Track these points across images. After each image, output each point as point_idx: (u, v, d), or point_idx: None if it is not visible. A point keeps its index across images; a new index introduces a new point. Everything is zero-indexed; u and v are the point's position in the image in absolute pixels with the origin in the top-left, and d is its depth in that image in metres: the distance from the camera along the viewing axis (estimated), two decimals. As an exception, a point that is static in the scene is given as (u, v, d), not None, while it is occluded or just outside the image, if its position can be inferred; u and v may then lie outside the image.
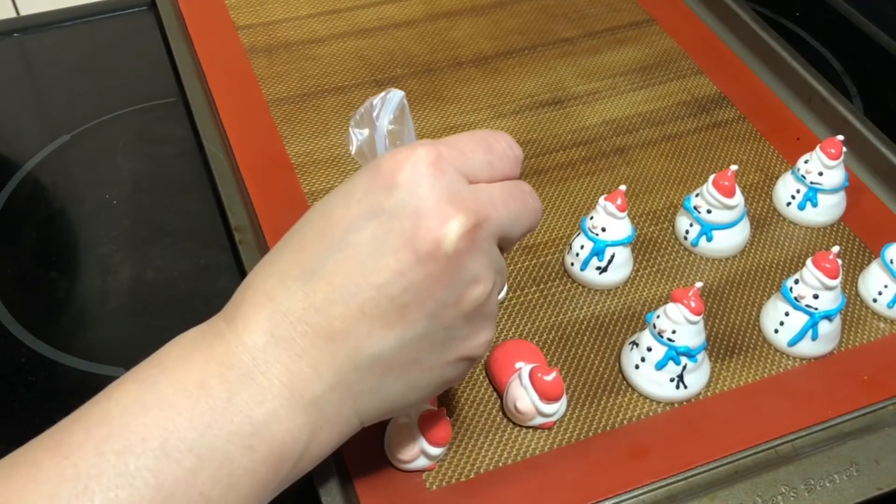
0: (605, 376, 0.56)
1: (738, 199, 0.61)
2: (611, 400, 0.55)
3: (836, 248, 0.55)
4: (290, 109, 0.72)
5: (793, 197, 0.65)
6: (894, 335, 0.59)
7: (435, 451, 0.49)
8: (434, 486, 0.50)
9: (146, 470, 0.36)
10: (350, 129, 0.62)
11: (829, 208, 0.65)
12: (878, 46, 0.87)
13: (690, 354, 0.53)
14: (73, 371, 0.58)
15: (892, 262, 0.59)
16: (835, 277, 0.55)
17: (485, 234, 0.40)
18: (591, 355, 0.57)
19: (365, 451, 0.51)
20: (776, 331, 0.58)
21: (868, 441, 0.53)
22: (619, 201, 0.58)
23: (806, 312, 0.56)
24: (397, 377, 0.41)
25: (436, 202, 0.39)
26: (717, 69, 0.78)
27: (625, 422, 0.54)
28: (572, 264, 0.61)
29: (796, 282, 0.56)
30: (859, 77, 0.83)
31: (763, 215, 0.67)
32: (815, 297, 0.56)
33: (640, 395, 0.55)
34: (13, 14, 0.84)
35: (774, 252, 0.64)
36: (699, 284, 0.53)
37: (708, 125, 0.73)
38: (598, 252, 0.59)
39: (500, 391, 0.54)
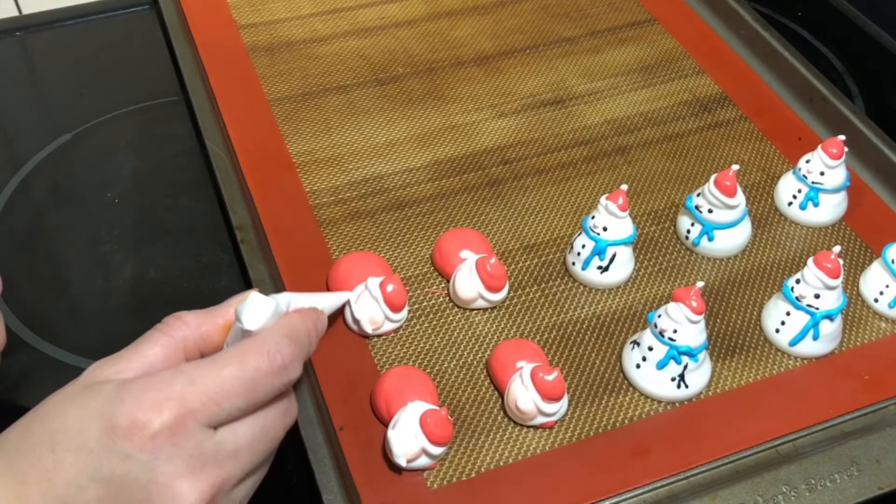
0: (607, 376, 0.56)
1: (740, 198, 0.61)
2: (612, 399, 0.55)
3: (837, 248, 0.55)
4: (291, 108, 0.72)
5: (794, 197, 0.65)
6: (895, 335, 0.59)
7: (436, 450, 0.49)
8: (435, 485, 0.50)
9: None
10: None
11: (830, 208, 0.65)
12: (880, 46, 0.87)
13: (691, 354, 0.53)
14: (74, 369, 0.58)
15: (893, 261, 0.59)
16: (836, 277, 0.55)
17: (225, 493, 0.39)
18: (593, 355, 0.57)
19: (366, 449, 0.51)
20: (777, 330, 0.58)
21: (869, 441, 0.53)
22: (620, 201, 0.58)
23: (807, 312, 0.56)
24: None
25: (171, 476, 0.37)
26: (718, 69, 0.78)
27: (626, 421, 0.54)
28: (574, 264, 0.61)
29: (797, 281, 0.56)
30: (861, 77, 0.83)
31: (764, 215, 0.67)
32: (817, 296, 0.56)
33: (642, 394, 0.55)
34: (15, 13, 0.84)
35: (776, 252, 0.64)
36: (700, 284, 0.53)
37: (709, 125, 0.73)
38: (599, 251, 0.59)
39: (501, 390, 0.54)
